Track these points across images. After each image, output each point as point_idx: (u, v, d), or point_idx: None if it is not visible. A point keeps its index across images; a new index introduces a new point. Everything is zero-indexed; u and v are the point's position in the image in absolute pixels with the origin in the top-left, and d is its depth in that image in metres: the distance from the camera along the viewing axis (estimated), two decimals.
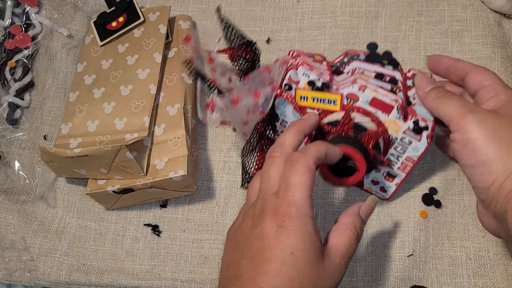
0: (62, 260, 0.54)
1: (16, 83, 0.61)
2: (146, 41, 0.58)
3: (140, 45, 0.58)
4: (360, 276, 0.50)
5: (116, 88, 0.56)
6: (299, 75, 0.46)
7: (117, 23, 0.61)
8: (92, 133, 0.54)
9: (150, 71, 0.56)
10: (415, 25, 0.61)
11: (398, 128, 0.45)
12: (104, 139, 0.52)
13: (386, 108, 0.44)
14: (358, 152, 0.43)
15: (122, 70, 0.57)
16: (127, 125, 0.53)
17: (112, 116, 0.54)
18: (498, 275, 0.48)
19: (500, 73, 0.56)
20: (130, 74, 0.56)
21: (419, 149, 0.45)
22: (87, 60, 0.60)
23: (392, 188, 0.50)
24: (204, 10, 0.66)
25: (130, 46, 0.59)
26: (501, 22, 0.60)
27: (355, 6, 0.63)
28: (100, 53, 0.60)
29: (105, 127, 0.53)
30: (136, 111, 0.53)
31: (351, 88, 0.45)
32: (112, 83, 0.56)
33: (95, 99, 0.56)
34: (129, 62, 0.57)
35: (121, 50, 0.59)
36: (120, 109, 0.54)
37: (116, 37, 0.60)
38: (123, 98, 0.55)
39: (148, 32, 0.59)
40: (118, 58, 0.58)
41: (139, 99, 0.54)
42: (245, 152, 0.53)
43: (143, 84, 0.55)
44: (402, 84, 0.46)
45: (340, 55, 0.50)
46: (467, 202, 0.52)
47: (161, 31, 0.59)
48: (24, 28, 0.63)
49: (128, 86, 0.55)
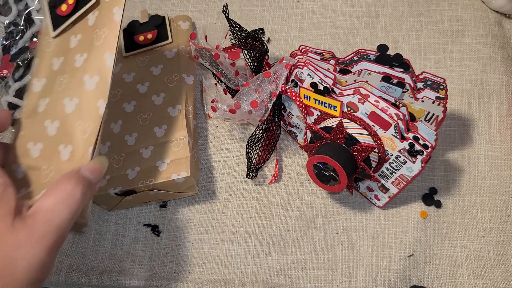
0: (62, 260, 0.54)
1: (16, 83, 0.61)
2: (97, 32, 0.40)
3: (91, 38, 0.41)
4: (360, 276, 0.50)
5: (60, 101, 0.40)
6: (304, 74, 0.47)
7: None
8: (35, 162, 0.39)
9: (99, 79, 0.39)
10: (415, 25, 0.61)
11: (395, 145, 0.45)
12: (48, 171, 0.38)
13: (384, 124, 0.44)
14: (340, 167, 0.43)
15: (68, 74, 0.41)
16: (72, 154, 0.38)
17: (55, 141, 0.39)
18: (498, 275, 0.48)
19: (500, 73, 0.56)
20: (75, 81, 0.40)
21: (413, 170, 0.45)
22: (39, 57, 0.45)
23: (385, 199, 0.51)
24: (204, 10, 0.66)
25: (82, 38, 0.42)
26: (501, 22, 0.60)
27: (355, 6, 0.62)
28: (53, 47, 0.44)
29: (50, 154, 0.39)
30: (83, 137, 0.38)
31: (351, 98, 0.45)
32: (56, 93, 0.41)
33: (38, 115, 0.41)
34: (76, 63, 0.41)
35: (72, 44, 0.42)
36: (64, 132, 0.39)
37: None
38: (67, 117, 0.39)
39: (101, 18, 0.41)
40: (68, 55, 0.42)
41: (85, 121, 0.38)
42: (250, 143, 0.54)
43: (89, 98, 0.39)
44: (410, 88, 0.46)
45: (351, 53, 0.50)
46: (467, 203, 0.52)
47: (115, 18, 0.40)
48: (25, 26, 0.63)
49: (73, 100, 0.39)
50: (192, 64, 0.60)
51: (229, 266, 0.52)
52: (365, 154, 0.44)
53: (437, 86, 0.47)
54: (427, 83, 0.47)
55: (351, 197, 0.54)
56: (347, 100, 0.45)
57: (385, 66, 0.46)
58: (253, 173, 0.54)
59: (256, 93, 0.49)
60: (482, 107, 0.56)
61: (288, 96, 0.49)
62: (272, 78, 0.49)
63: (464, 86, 0.57)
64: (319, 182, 0.47)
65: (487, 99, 0.56)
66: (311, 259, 0.51)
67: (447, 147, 0.54)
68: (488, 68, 0.57)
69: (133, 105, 0.56)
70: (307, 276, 0.50)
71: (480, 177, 0.52)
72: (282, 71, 0.49)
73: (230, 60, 0.52)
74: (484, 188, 0.52)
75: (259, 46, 0.50)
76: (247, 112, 0.49)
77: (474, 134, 0.55)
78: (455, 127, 0.55)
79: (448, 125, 0.55)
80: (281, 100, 0.52)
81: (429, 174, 0.53)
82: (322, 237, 0.52)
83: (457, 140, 0.55)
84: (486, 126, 0.55)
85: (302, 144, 0.55)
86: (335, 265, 0.51)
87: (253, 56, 0.50)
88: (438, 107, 0.46)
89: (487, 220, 0.51)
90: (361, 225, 0.52)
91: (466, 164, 0.53)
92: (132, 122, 0.55)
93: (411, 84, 0.46)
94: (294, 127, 0.55)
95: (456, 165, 0.53)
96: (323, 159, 0.44)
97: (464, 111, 0.56)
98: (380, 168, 0.47)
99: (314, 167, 0.46)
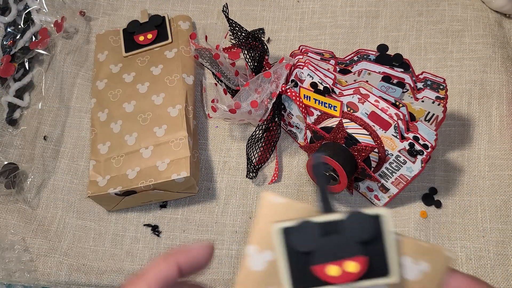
0: (62, 260, 0.54)
1: (16, 83, 0.61)
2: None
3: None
4: None
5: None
6: (304, 74, 0.47)
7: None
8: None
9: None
10: (415, 25, 0.61)
11: (395, 146, 0.44)
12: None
13: (384, 124, 0.44)
14: (340, 167, 0.43)
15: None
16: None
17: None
18: (498, 275, 0.48)
19: (500, 73, 0.56)
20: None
21: (413, 170, 0.45)
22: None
23: (385, 199, 0.50)
24: (204, 10, 0.66)
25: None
26: (501, 22, 0.60)
27: (355, 6, 0.62)
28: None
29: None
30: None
31: (351, 98, 0.45)
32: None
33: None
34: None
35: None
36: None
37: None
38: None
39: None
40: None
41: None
42: (250, 143, 0.54)
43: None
44: (410, 88, 0.46)
45: (351, 53, 0.50)
46: (467, 203, 0.51)
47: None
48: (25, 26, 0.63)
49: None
50: (192, 64, 0.59)
51: (229, 266, 0.52)
52: (365, 154, 0.44)
53: (437, 86, 0.47)
54: (427, 83, 0.47)
55: (351, 197, 0.54)
56: (347, 100, 0.45)
57: (385, 66, 0.46)
58: (253, 173, 0.54)
59: (256, 93, 0.49)
60: (482, 107, 0.55)
61: (288, 96, 0.49)
62: (272, 78, 0.49)
63: (464, 86, 0.57)
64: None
65: (487, 99, 0.56)
66: None
67: (447, 147, 0.54)
68: (488, 68, 0.57)
69: (133, 105, 0.56)
70: None
71: (480, 177, 0.52)
72: (282, 71, 0.49)
73: (230, 60, 0.52)
74: (484, 188, 0.52)
75: (259, 46, 0.50)
76: (247, 112, 0.49)
77: (474, 134, 0.54)
78: (455, 127, 0.55)
79: (448, 125, 0.55)
80: (281, 100, 0.52)
81: (429, 174, 0.53)
82: None
83: (457, 140, 0.55)
84: (486, 126, 0.55)
85: (302, 144, 0.55)
86: None
87: (253, 56, 0.50)
88: (438, 107, 0.46)
89: (487, 220, 0.51)
90: None
91: (466, 164, 0.53)
92: (132, 122, 0.55)
93: (411, 84, 0.46)
94: (294, 127, 0.55)
95: (456, 165, 0.53)
96: (323, 159, 0.44)
97: (464, 111, 0.56)
98: (380, 168, 0.47)
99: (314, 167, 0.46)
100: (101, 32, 0.64)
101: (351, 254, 0.25)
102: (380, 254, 0.25)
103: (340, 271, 0.25)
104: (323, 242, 0.25)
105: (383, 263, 0.25)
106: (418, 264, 0.26)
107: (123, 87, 0.58)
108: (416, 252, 0.26)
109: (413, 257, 0.26)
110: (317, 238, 0.25)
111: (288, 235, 0.25)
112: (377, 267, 0.25)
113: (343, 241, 0.25)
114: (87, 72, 0.64)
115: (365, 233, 0.25)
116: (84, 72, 0.64)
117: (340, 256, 0.25)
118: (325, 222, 0.25)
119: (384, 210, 0.25)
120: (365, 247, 0.25)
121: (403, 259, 0.26)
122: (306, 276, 0.25)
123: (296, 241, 0.25)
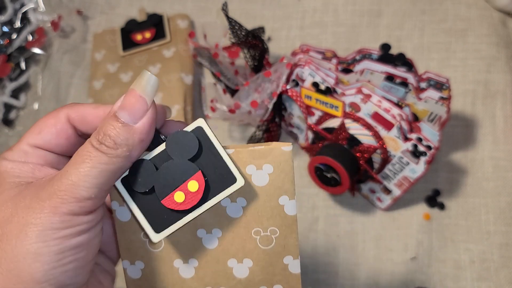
0: None
1: (12, 83, 0.60)
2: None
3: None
4: (363, 279, 0.49)
5: None
6: (306, 74, 0.46)
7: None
8: None
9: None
10: (418, 24, 0.60)
11: (397, 147, 0.44)
12: None
13: (387, 125, 0.43)
14: (342, 168, 0.42)
15: None
16: None
17: None
18: (502, 278, 0.48)
19: (504, 73, 0.55)
20: None
21: (416, 171, 0.44)
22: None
23: (387, 201, 0.50)
24: (202, 8, 0.65)
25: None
26: (505, 21, 0.59)
27: (357, 4, 0.62)
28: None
29: None
30: None
31: (354, 98, 0.44)
32: None
33: None
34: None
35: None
36: None
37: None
38: None
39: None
40: None
41: None
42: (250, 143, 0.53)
43: None
44: (414, 87, 0.45)
45: (353, 52, 0.49)
46: (471, 204, 0.51)
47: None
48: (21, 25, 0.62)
49: None
50: (190, 63, 0.59)
51: None
52: (368, 155, 0.43)
53: (441, 86, 0.46)
54: (431, 83, 0.47)
55: (353, 199, 0.53)
56: (349, 100, 0.44)
57: (387, 66, 0.46)
58: None
59: (256, 92, 0.48)
60: (486, 107, 0.55)
61: (289, 96, 0.48)
62: (273, 78, 0.48)
63: (468, 86, 0.56)
64: (320, 184, 0.46)
65: (491, 100, 0.55)
66: (312, 262, 0.50)
67: (451, 148, 0.54)
68: (492, 68, 0.56)
69: None
70: (308, 279, 0.50)
71: (484, 178, 0.52)
72: (282, 71, 0.48)
73: (229, 59, 0.51)
74: (488, 190, 0.51)
75: (259, 45, 0.50)
76: (247, 112, 0.48)
77: (478, 135, 0.54)
78: (458, 128, 0.54)
79: (451, 125, 0.54)
80: (282, 100, 0.51)
81: (432, 176, 0.52)
82: (323, 240, 0.51)
83: (461, 141, 0.54)
84: (490, 127, 0.54)
85: (303, 145, 0.54)
86: (336, 269, 0.50)
87: (253, 55, 0.49)
88: (441, 107, 0.45)
89: (491, 222, 0.50)
90: (363, 227, 0.51)
91: (469, 165, 0.52)
92: None
93: (414, 84, 0.45)
94: (295, 128, 0.54)
95: (460, 167, 0.52)
96: (325, 161, 0.43)
97: (468, 111, 0.55)
98: (383, 169, 0.46)
99: (315, 169, 0.45)
100: (98, 31, 0.63)
101: (188, 174, 0.25)
102: (219, 164, 0.25)
103: (185, 195, 0.25)
104: (160, 175, 0.25)
105: (226, 173, 0.25)
106: (262, 168, 0.27)
107: (120, 87, 0.57)
108: (255, 158, 0.26)
109: (255, 164, 0.27)
110: (153, 173, 0.25)
111: (128, 183, 0.25)
112: (221, 179, 0.25)
113: (176, 166, 0.25)
114: (84, 72, 0.63)
115: (191, 149, 0.25)
116: (81, 71, 0.63)
117: (179, 181, 0.25)
118: (154, 156, 0.25)
119: (201, 120, 0.25)
120: (200, 162, 0.25)
121: (247, 169, 0.27)
122: (162, 214, 0.25)
123: (136, 184, 0.25)
